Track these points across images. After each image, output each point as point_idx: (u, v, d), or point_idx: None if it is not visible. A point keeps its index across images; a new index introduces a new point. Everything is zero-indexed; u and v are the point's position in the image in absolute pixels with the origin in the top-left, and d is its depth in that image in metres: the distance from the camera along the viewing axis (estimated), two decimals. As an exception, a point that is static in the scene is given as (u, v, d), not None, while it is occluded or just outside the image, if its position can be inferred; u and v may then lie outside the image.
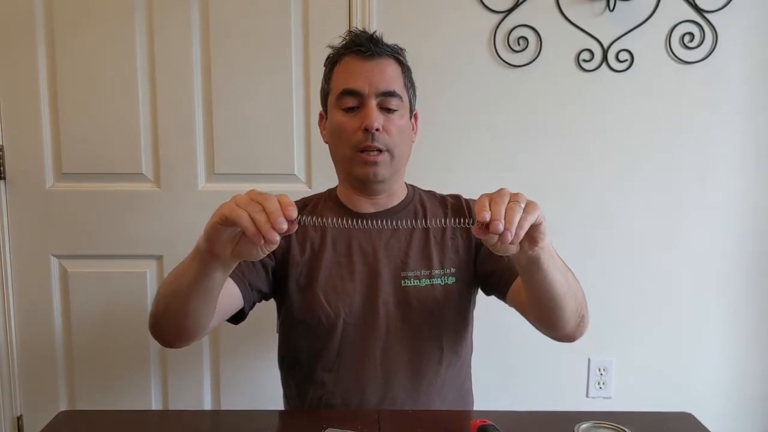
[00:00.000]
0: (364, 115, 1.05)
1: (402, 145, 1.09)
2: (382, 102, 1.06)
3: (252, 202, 0.72)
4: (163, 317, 0.92)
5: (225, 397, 1.76)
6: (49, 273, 1.71)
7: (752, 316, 1.74)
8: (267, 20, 1.63)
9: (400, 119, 1.08)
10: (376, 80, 1.05)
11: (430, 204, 1.18)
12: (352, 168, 1.09)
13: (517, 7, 1.61)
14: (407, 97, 1.11)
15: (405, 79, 1.11)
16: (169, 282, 0.90)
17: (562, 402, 1.75)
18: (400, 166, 1.12)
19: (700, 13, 1.61)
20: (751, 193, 1.69)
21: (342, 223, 0.79)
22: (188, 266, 0.84)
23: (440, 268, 1.10)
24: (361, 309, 1.09)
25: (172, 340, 0.96)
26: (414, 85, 1.15)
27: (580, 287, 0.98)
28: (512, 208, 0.73)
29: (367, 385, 1.09)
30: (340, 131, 1.08)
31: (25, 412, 1.77)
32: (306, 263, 1.11)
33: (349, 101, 1.06)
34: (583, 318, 0.99)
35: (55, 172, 1.69)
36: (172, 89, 1.65)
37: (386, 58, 1.08)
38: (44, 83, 1.65)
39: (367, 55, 1.06)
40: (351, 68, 1.07)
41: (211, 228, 0.76)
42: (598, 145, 1.68)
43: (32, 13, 1.62)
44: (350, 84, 1.06)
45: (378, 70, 1.06)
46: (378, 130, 1.04)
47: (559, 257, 0.90)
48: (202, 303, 0.87)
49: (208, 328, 0.95)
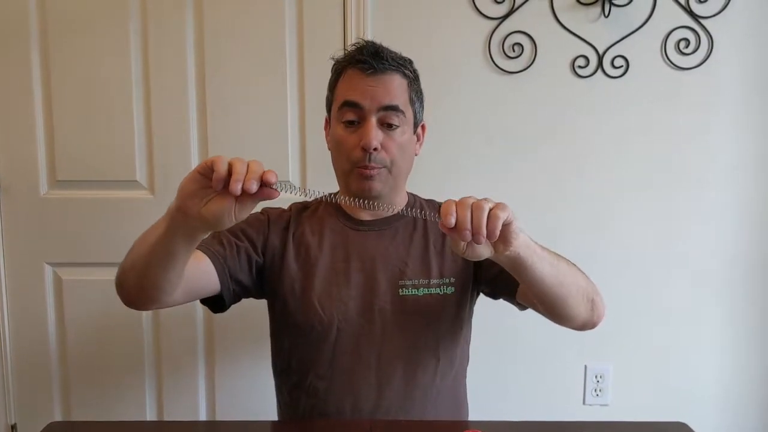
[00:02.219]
0: (363, 132, 1.04)
1: (401, 161, 1.09)
2: (384, 117, 1.05)
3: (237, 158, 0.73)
4: (126, 273, 0.92)
5: (220, 405, 1.75)
6: (43, 281, 1.70)
7: (751, 323, 1.73)
8: (262, 27, 1.62)
9: (401, 136, 1.07)
10: (378, 96, 1.04)
11: (429, 213, 1.17)
12: (350, 182, 1.09)
13: (512, 13, 1.61)
14: (411, 110, 1.10)
15: (411, 91, 1.10)
16: (138, 240, 0.90)
17: (559, 409, 1.75)
18: (399, 181, 1.12)
19: (695, 19, 1.61)
20: (747, 199, 1.68)
21: (325, 197, 0.80)
22: (156, 226, 0.84)
23: (439, 277, 1.09)
24: (356, 316, 1.08)
25: (133, 300, 0.95)
26: (421, 95, 1.14)
27: (582, 273, 0.98)
28: (479, 209, 0.74)
29: (360, 393, 1.08)
30: (340, 145, 1.08)
31: (19, 421, 1.76)
32: (301, 268, 1.10)
33: (350, 114, 1.06)
34: (594, 302, 0.99)
35: (49, 179, 1.68)
36: (166, 96, 1.64)
37: (390, 74, 1.06)
38: (38, 90, 1.64)
39: (369, 72, 1.05)
40: (354, 82, 1.07)
41: (188, 177, 0.76)
42: (593, 152, 1.67)
43: (26, 20, 1.61)
44: (351, 96, 1.05)
45: (381, 86, 1.05)
46: (376, 149, 1.03)
47: (547, 249, 0.90)
48: (164, 267, 0.86)
49: (173, 297, 0.94)
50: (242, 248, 1.09)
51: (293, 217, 1.16)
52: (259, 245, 1.11)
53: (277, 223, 1.14)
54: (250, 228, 1.12)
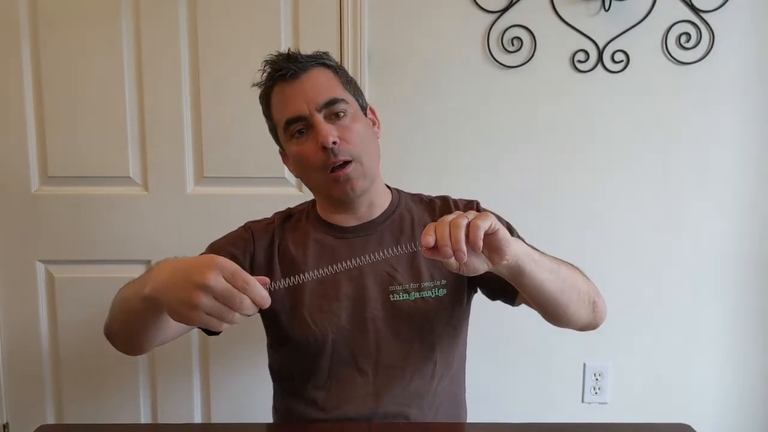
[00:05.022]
0: (315, 133, 1.01)
1: (367, 148, 1.05)
2: (328, 112, 1.03)
3: (223, 289, 0.69)
4: (115, 333, 0.96)
5: (215, 406, 1.73)
6: (35, 279, 1.68)
7: (751, 320, 1.72)
8: (256, 21, 1.59)
9: (353, 122, 1.04)
10: (311, 95, 1.02)
11: (417, 210, 1.14)
12: (330, 191, 1.05)
13: (511, 6, 1.58)
14: (351, 96, 1.08)
15: (341, 80, 1.07)
16: (120, 301, 0.91)
17: (557, 408, 1.74)
18: (373, 172, 1.08)
19: (696, 13, 1.59)
20: (749, 195, 1.67)
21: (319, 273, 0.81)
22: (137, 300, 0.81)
23: (430, 280, 1.07)
24: (349, 327, 1.06)
25: (126, 352, 1.00)
26: (354, 81, 1.12)
27: (582, 275, 0.98)
28: (456, 225, 0.73)
29: (359, 402, 1.06)
30: (302, 160, 1.05)
31: (11, 420, 1.74)
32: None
33: (297, 126, 1.03)
34: (596, 304, 0.99)
35: (41, 175, 1.65)
36: (159, 91, 1.62)
37: (311, 69, 1.04)
38: (29, 85, 1.62)
39: (290, 76, 1.03)
40: (284, 96, 1.04)
41: (168, 309, 0.74)
42: (593, 147, 1.65)
43: (16, 15, 1.58)
44: (289, 112, 1.03)
45: (309, 85, 1.03)
46: (336, 143, 1.00)
47: (546, 255, 0.90)
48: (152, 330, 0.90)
49: (165, 341, 0.98)
50: None
51: (277, 229, 1.13)
52: (246, 265, 1.08)
53: (261, 239, 1.11)
54: (235, 249, 1.09)
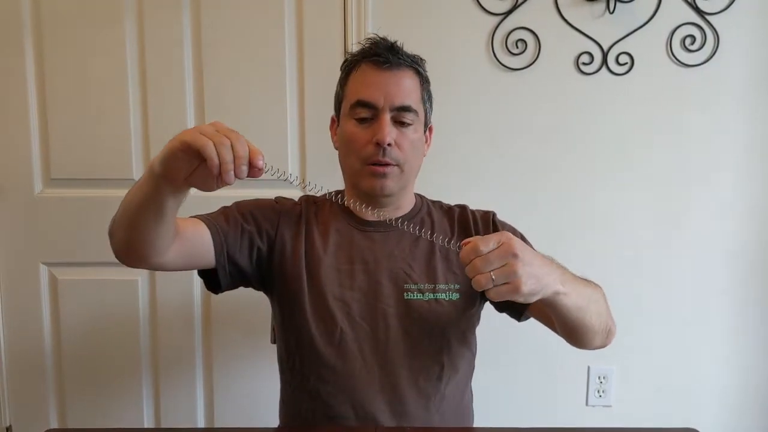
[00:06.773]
0: (377, 128, 1.02)
1: (413, 159, 1.07)
2: (397, 116, 1.03)
3: (219, 135, 0.73)
4: (117, 226, 0.91)
5: (219, 410, 1.72)
6: (38, 281, 1.68)
7: (756, 322, 1.71)
8: (260, 24, 1.59)
9: (413, 134, 1.06)
10: (392, 93, 1.02)
11: (437, 215, 1.15)
12: (360, 181, 1.06)
13: (515, 9, 1.58)
14: (423, 111, 1.09)
15: (422, 91, 1.09)
16: (127, 195, 0.88)
17: (562, 411, 1.73)
18: (409, 180, 1.10)
19: (701, 15, 1.58)
20: (754, 197, 1.67)
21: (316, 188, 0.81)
22: (141, 185, 0.83)
23: (445, 282, 1.07)
24: (359, 319, 1.06)
25: (123, 254, 0.93)
26: (431, 97, 1.13)
27: (605, 301, 0.98)
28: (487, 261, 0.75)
29: (363, 398, 1.05)
30: (351, 142, 1.05)
31: (14, 423, 1.73)
32: (307, 267, 1.07)
33: (363, 112, 1.04)
34: (610, 330, 1.00)
35: (44, 178, 1.65)
36: (163, 93, 1.62)
37: (405, 70, 1.05)
38: (32, 87, 1.61)
39: (385, 66, 1.03)
40: (367, 78, 1.04)
41: (170, 153, 0.75)
42: (597, 149, 1.65)
43: (20, 17, 1.58)
44: (365, 95, 1.03)
45: (394, 82, 1.03)
46: (390, 145, 1.01)
47: (581, 279, 0.91)
48: (152, 224, 0.86)
49: (164, 258, 0.92)
50: (246, 231, 1.06)
51: (303, 212, 1.13)
52: (265, 233, 1.08)
53: (289, 216, 1.11)
54: (261, 214, 1.09)
